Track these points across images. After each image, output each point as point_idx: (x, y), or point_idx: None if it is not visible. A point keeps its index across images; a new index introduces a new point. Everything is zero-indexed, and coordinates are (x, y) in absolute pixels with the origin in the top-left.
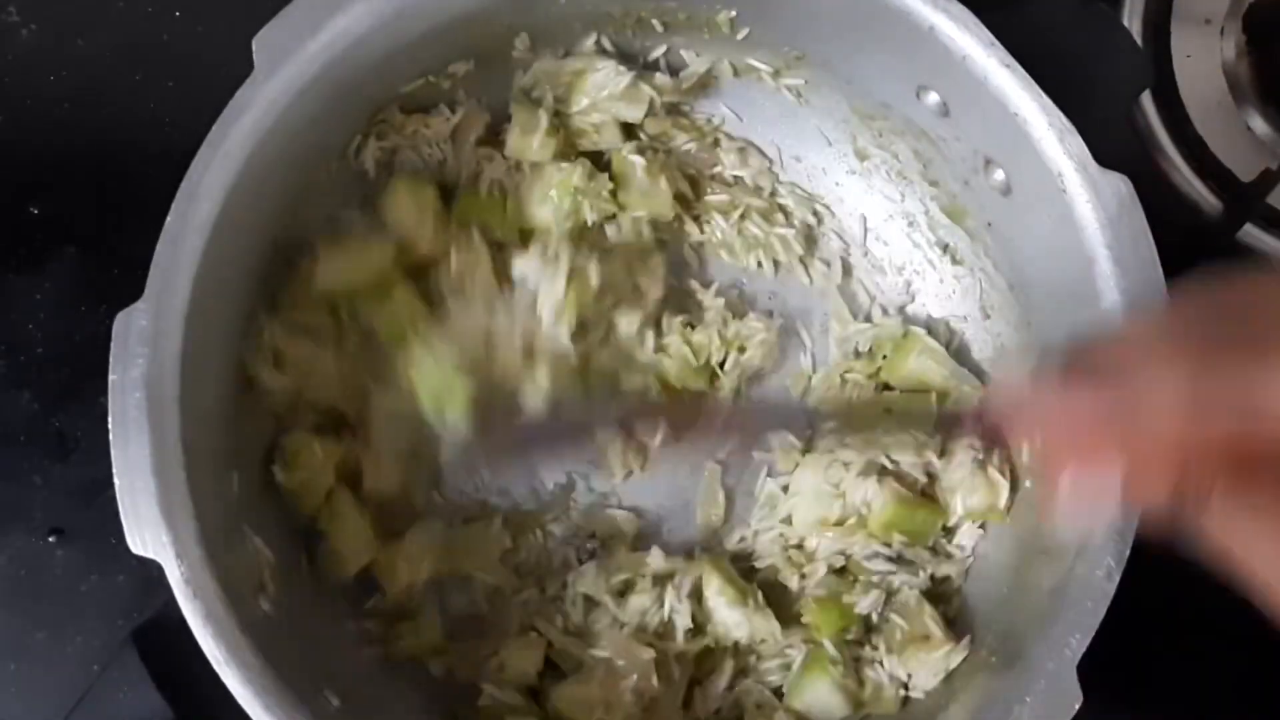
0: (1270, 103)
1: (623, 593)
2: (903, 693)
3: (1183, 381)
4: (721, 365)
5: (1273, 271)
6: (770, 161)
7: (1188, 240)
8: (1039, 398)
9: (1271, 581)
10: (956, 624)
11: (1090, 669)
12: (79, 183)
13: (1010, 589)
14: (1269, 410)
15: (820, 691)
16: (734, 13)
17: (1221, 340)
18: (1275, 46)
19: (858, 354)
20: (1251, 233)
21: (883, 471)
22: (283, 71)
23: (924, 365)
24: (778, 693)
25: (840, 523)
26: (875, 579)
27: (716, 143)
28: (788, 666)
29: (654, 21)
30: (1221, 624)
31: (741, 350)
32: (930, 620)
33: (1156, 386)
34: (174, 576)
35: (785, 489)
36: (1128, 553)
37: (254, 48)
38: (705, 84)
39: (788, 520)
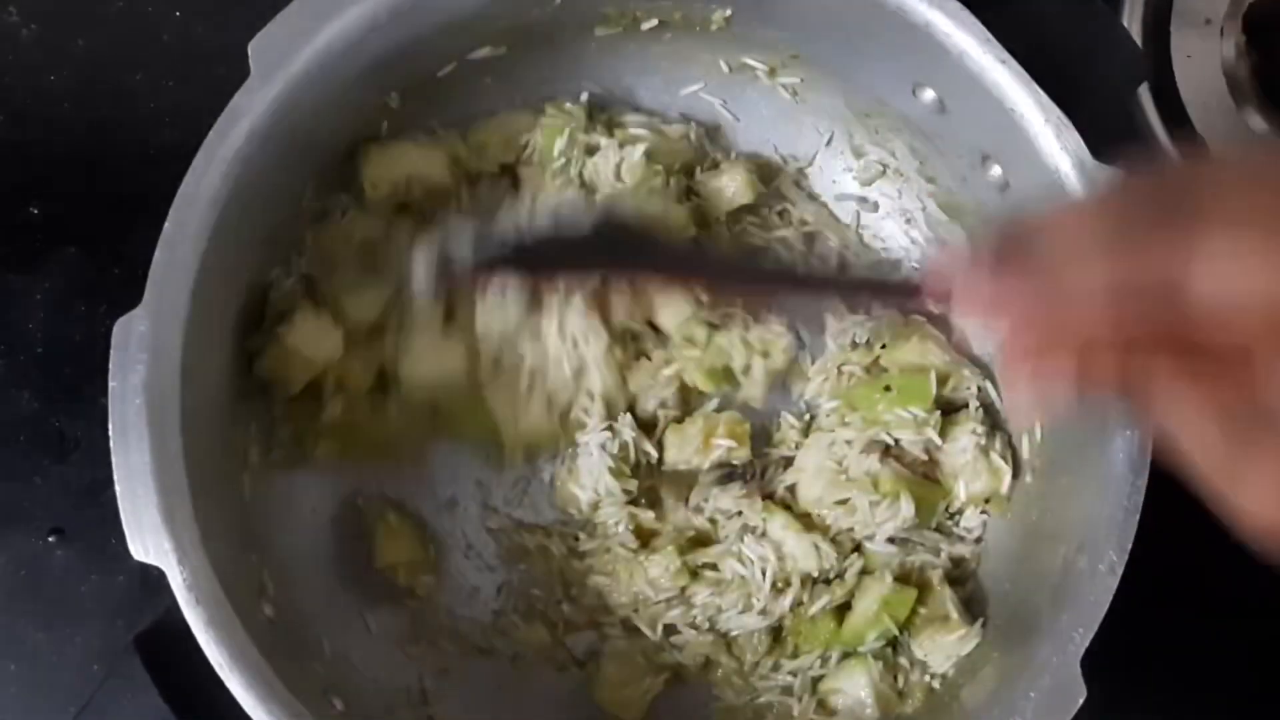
0: (1270, 103)
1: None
2: (927, 679)
3: (1114, 268)
4: (745, 371)
5: (1206, 156)
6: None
7: None
8: (976, 278)
9: (1215, 475)
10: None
11: (1094, 663)
12: (79, 183)
13: (1013, 584)
14: (1200, 292)
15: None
16: (729, 11)
17: (1154, 221)
18: (1275, 46)
19: (854, 345)
20: None
21: (885, 451)
22: (279, 76)
23: (925, 350)
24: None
25: (844, 502)
26: (890, 560)
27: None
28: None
29: (649, 20)
30: (1224, 618)
31: (765, 355)
32: (950, 602)
33: (1085, 273)
34: (176, 583)
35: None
36: (1130, 546)
37: (250, 52)
38: None
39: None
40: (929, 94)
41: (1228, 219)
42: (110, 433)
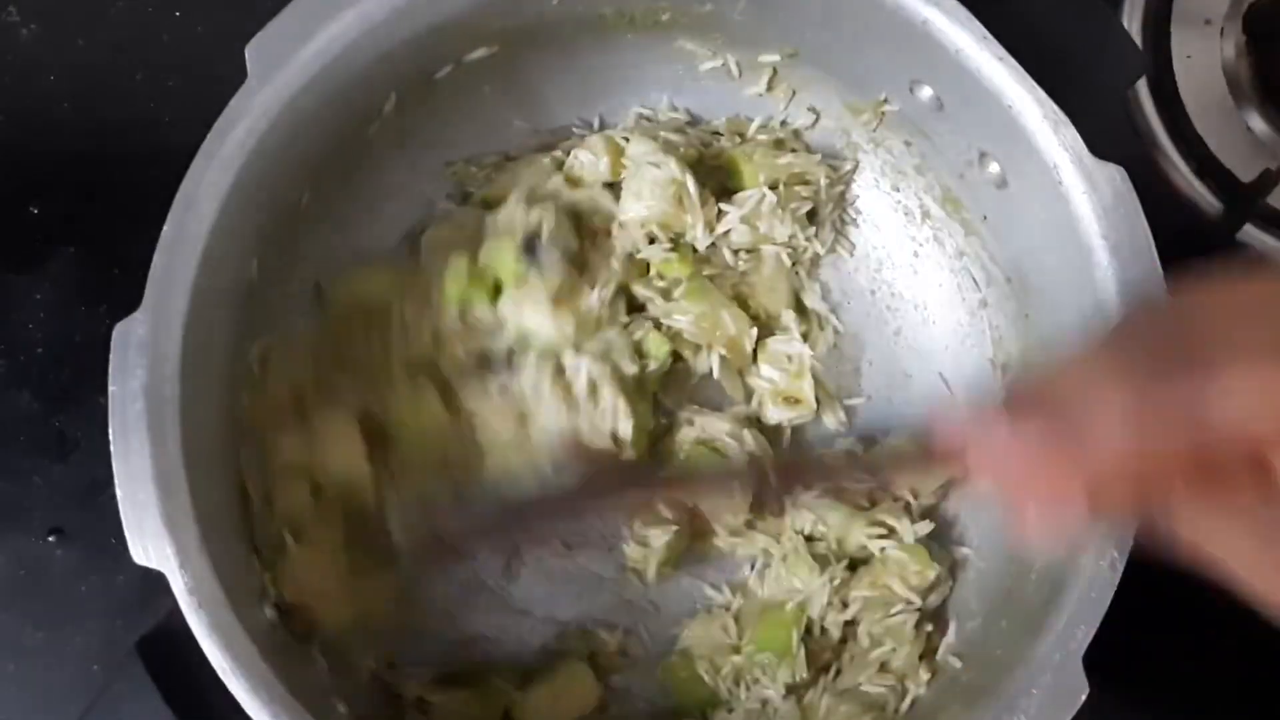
0: (1270, 103)
1: None
2: None
3: (1129, 403)
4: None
5: (1216, 283)
6: None
7: (1187, 240)
8: (986, 432)
9: (1253, 576)
10: (960, 616)
11: (1096, 660)
12: (79, 183)
13: (1014, 582)
14: (1217, 422)
15: None
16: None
17: (1166, 358)
18: (1275, 46)
19: None
20: (1251, 233)
21: None
22: (276, 79)
23: None
24: None
25: None
26: None
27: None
28: None
29: (646, 22)
30: (1227, 613)
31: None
32: None
33: (1102, 412)
34: (178, 587)
35: None
36: (1131, 544)
37: (247, 55)
38: None
39: None
40: (926, 91)
41: (1237, 357)
42: (110, 437)
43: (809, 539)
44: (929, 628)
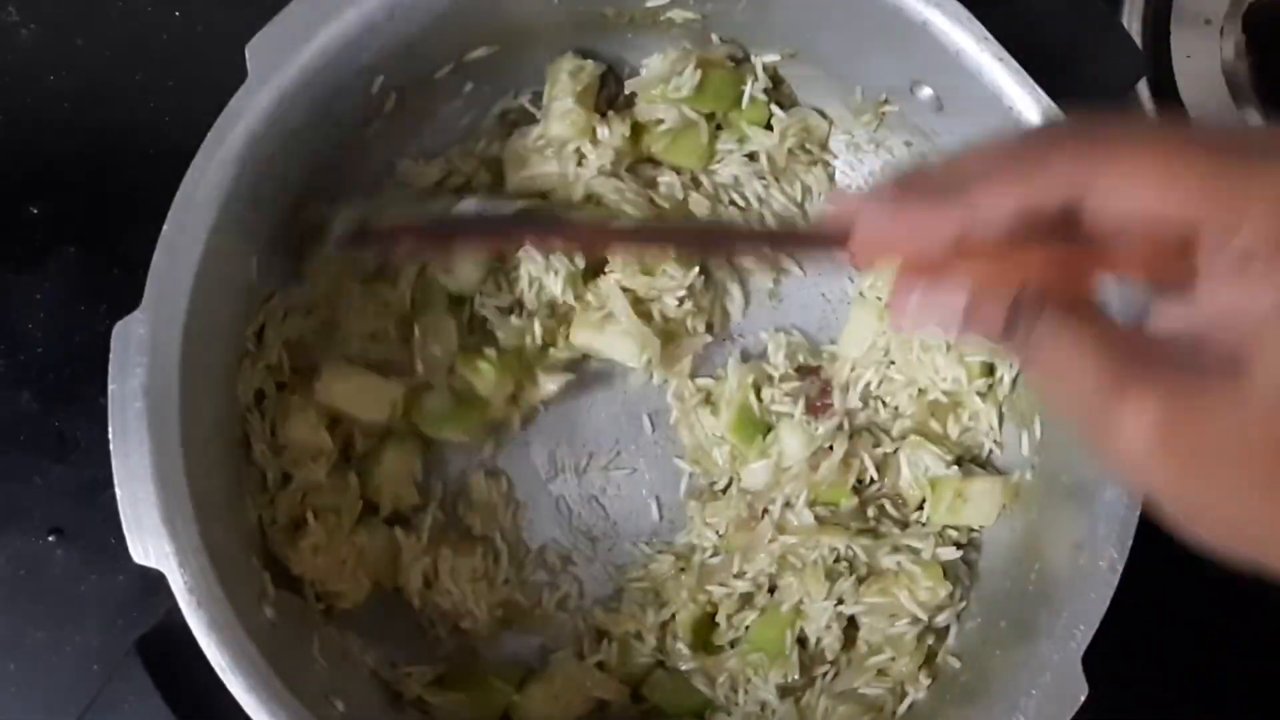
0: (1270, 103)
1: None
2: None
3: (1011, 186)
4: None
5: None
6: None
7: None
8: (874, 211)
9: (1076, 405)
10: (960, 617)
11: (1094, 663)
12: (79, 183)
13: (1014, 582)
14: (1088, 210)
15: None
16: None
17: (1058, 145)
18: (1275, 46)
19: None
20: None
21: None
22: (276, 78)
23: None
24: None
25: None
26: None
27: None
28: None
29: (647, 21)
30: (1226, 614)
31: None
32: None
33: (985, 192)
34: (177, 585)
35: None
36: (1130, 544)
37: (247, 55)
38: None
39: None
40: (927, 92)
41: (1132, 142)
42: (110, 436)
43: (836, 560)
44: (930, 639)
